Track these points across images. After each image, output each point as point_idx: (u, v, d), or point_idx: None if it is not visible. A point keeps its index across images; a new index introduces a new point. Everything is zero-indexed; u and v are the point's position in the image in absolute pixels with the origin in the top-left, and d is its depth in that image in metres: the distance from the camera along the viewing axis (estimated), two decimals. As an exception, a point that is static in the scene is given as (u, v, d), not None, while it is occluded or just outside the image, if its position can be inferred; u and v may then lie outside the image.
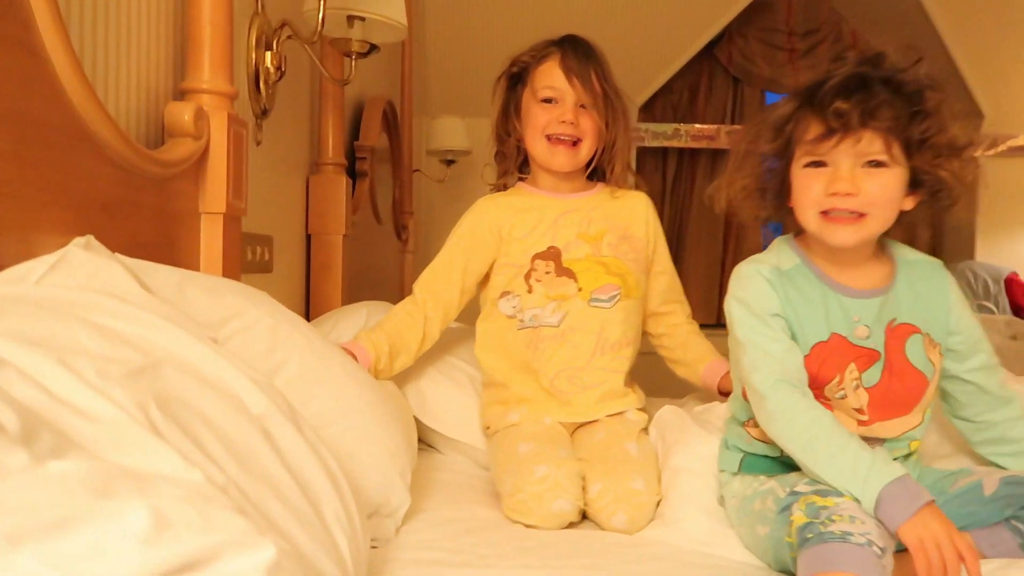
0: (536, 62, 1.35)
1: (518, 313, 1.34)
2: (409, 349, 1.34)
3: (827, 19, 4.21)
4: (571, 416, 1.31)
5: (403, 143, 2.81)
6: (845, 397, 0.98)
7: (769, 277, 0.99)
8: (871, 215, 0.93)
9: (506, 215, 1.36)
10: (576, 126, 1.30)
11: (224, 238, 1.18)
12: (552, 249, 1.33)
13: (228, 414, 0.66)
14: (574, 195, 1.38)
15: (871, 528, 0.79)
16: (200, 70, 1.15)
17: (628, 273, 1.34)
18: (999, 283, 3.52)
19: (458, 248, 1.38)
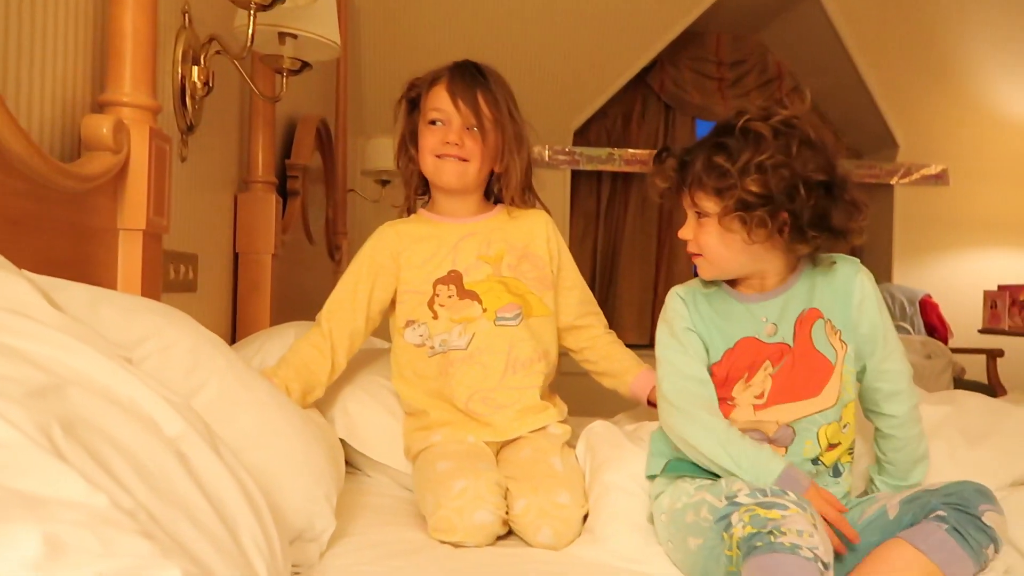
0: (427, 86, 1.36)
1: (427, 340, 1.33)
2: (320, 383, 1.32)
3: (754, 51, 4.37)
4: (492, 436, 1.30)
5: (337, 162, 2.79)
6: (750, 389, 1.06)
7: (684, 296, 1.13)
8: (706, 256, 1.09)
9: (404, 242, 1.36)
10: (461, 147, 1.31)
11: (143, 256, 1.14)
12: (453, 273, 1.33)
13: (140, 436, 0.63)
14: (472, 219, 1.38)
15: (818, 543, 0.83)
16: (121, 82, 1.12)
17: (528, 292, 1.35)
18: (914, 305, 3.68)
19: (359, 275, 1.36)
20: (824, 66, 4.12)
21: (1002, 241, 4.12)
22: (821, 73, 4.20)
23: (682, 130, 4.34)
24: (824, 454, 1.06)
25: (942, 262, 4.13)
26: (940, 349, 3.26)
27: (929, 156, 4.10)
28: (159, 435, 0.65)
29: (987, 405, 1.31)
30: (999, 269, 4.02)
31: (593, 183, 4.25)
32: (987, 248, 4.13)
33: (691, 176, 1.05)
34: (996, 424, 1.26)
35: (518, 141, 1.36)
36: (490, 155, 1.34)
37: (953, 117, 4.05)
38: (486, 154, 1.33)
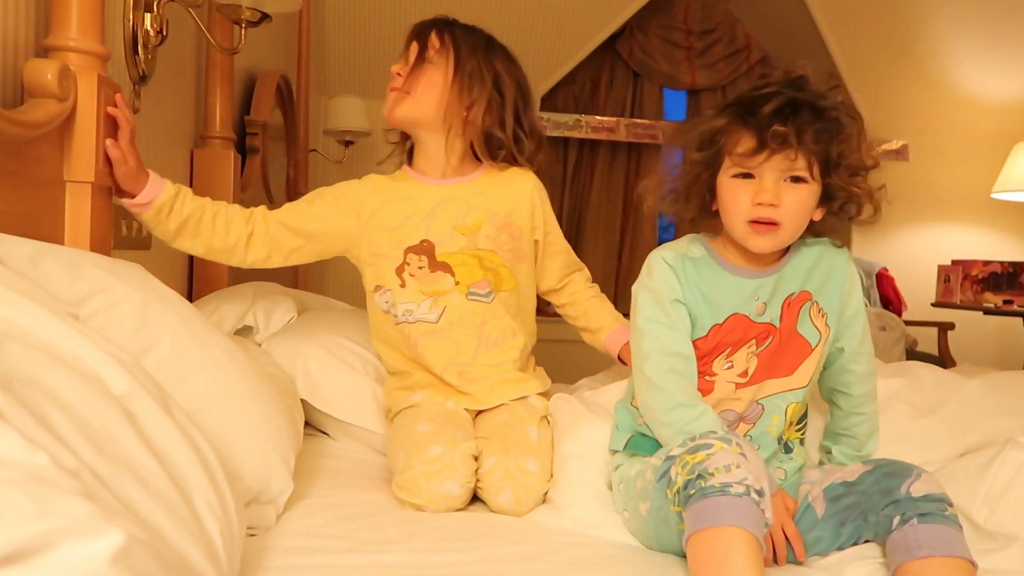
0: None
1: (391, 308, 1.30)
2: (203, 228, 1.22)
3: (723, 20, 4.35)
4: (472, 404, 1.29)
5: (299, 121, 2.72)
6: (731, 368, 1.04)
7: (672, 263, 1.06)
8: (784, 225, 1.01)
9: (378, 201, 1.30)
10: (404, 78, 1.28)
11: (92, 209, 1.09)
12: (425, 243, 1.28)
13: (84, 394, 0.60)
14: (454, 180, 1.32)
15: (746, 472, 0.84)
16: (67, 26, 1.06)
17: (500, 266, 1.30)
18: (871, 278, 3.75)
19: (317, 204, 1.31)
20: (791, 39, 4.12)
21: (958, 217, 4.20)
22: (789, 46, 4.20)
23: (650, 99, 4.31)
24: (787, 431, 1.07)
25: (899, 236, 4.20)
26: (894, 321, 3.33)
27: (890, 131, 4.15)
28: (105, 393, 0.63)
29: (939, 377, 1.33)
30: (953, 244, 4.11)
31: (560, 150, 4.21)
32: (943, 223, 4.21)
33: (807, 134, 0.97)
34: (947, 396, 1.28)
35: (481, 84, 1.27)
36: (445, 94, 1.27)
37: (914, 94, 4.10)
38: (434, 90, 1.27)
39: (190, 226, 1.23)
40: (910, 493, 0.92)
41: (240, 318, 1.44)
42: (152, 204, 1.19)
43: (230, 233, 1.25)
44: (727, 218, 1.04)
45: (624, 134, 3.95)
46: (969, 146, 4.16)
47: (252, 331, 1.45)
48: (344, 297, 2.31)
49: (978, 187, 4.09)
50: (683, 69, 4.31)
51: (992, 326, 3.94)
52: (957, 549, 0.88)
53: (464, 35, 1.31)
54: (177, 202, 1.21)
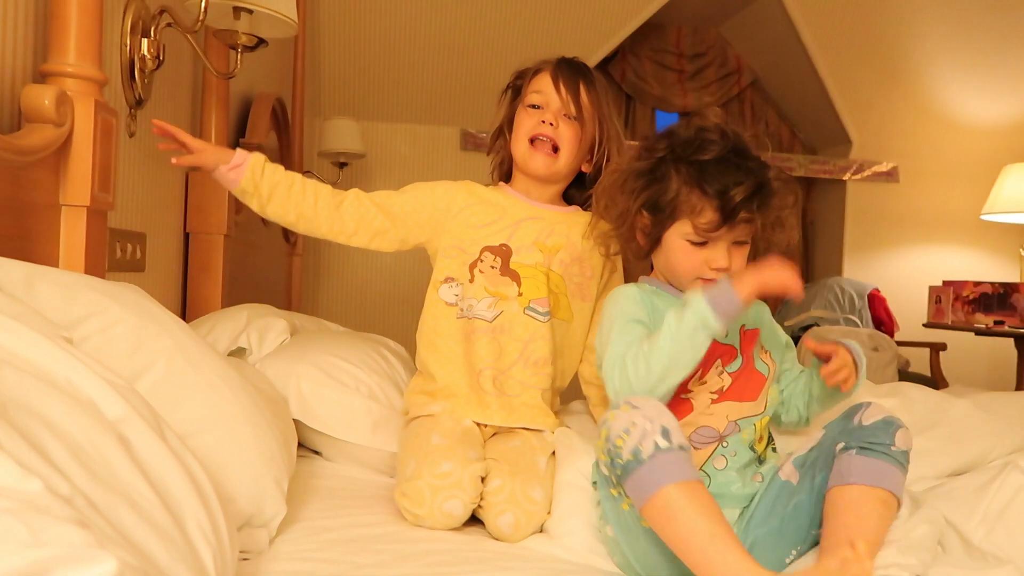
0: (531, 74, 1.36)
1: (459, 301, 1.32)
2: (295, 193, 1.29)
3: (714, 44, 4.41)
4: (490, 418, 1.30)
5: (293, 143, 2.73)
6: (704, 384, 1.07)
7: (637, 291, 1.12)
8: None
9: (471, 200, 1.35)
10: (556, 129, 1.30)
11: (88, 233, 1.10)
12: (504, 247, 1.32)
13: (78, 419, 0.61)
14: (544, 205, 1.37)
15: (643, 425, 0.88)
16: (65, 52, 1.07)
17: (563, 294, 1.33)
18: (863, 298, 3.76)
19: (411, 192, 1.36)
20: (782, 62, 4.17)
21: (947, 238, 4.24)
22: (779, 69, 4.25)
23: (642, 121, 4.35)
24: (757, 443, 1.10)
25: (890, 257, 4.23)
26: (886, 342, 3.34)
27: (881, 154, 4.19)
28: (99, 418, 0.63)
29: (930, 397, 1.35)
30: (944, 265, 4.14)
31: (553, 171, 4.25)
32: (933, 245, 4.24)
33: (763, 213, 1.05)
34: (939, 415, 1.29)
35: (617, 145, 1.34)
36: (582, 149, 1.33)
37: (905, 117, 4.15)
38: (578, 147, 1.32)
39: (281, 189, 1.29)
40: (860, 422, 0.98)
41: (234, 339, 1.44)
42: (245, 165, 1.26)
43: (319, 202, 1.31)
44: (676, 273, 1.10)
45: (617, 156, 3.98)
46: (958, 168, 4.21)
47: (246, 352, 1.45)
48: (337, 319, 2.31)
49: (967, 209, 4.13)
50: (675, 92, 4.35)
51: (983, 347, 3.97)
52: (883, 481, 0.94)
53: (604, 93, 1.35)
54: (268, 167, 1.28)
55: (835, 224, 4.22)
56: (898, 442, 0.96)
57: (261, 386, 1.24)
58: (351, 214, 1.32)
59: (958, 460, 1.22)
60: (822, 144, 4.44)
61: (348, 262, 3.73)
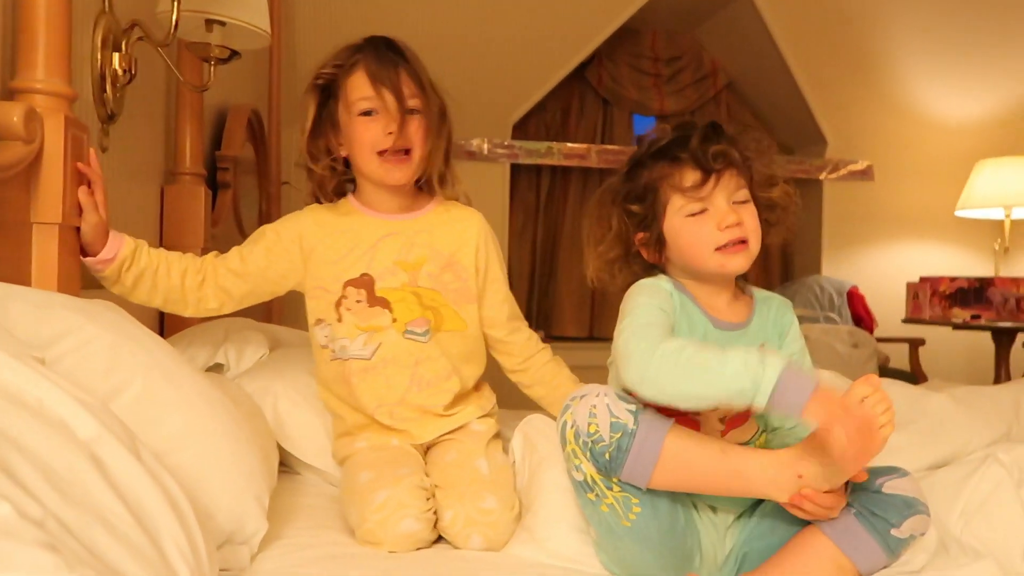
0: (344, 73, 1.25)
1: (330, 343, 1.27)
2: (159, 280, 1.20)
3: (689, 48, 4.44)
4: (413, 439, 1.27)
5: (270, 154, 2.72)
6: (715, 409, 1.03)
7: (669, 287, 1.05)
8: (751, 242, 1.03)
9: (320, 233, 1.27)
10: (403, 137, 1.21)
11: (60, 250, 1.09)
12: (365, 277, 1.25)
13: (49, 440, 0.60)
14: (399, 216, 1.29)
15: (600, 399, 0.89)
16: (33, 68, 1.06)
17: (443, 305, 1.27)
18: (842, 296, 3.80)
19: (260, 243, 1.28)
20: (757, 64, 4.21)
21: (923, 235, 4.29)
22: (754, 71, 4.29)
23: (620, 125, 4.37)
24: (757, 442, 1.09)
25: (868, 255, 4.28)
26: (866, 338, 3.38)
27: (855, 153, 4.24)
28: (71, 439, 0.62)
29: (908, 392, 1.36)
30: (921, 262, 4.19)
31: (532, 177, 4.25)
32: (910, 241, 4.29)
33: (744, 157, 1.03)
34: (916, 410, 1.31)
35: (441, 118, 1.27)
36: (425, 137, 1.24)
37: (878, 116, 4.20)
38: (426, 136, 1.24)
39: (147, 279, 1.21)
40: (880, 488, 0.94)
41: (211, 356, 1.43)
42: (115, 259, 1.18)
43: (185, 283, 1.23)
44: (693, 256, 1.03)
45: (596, 160, 4.00)
46: (932, 166, 4.27)
47: (224, 368, 1.44)
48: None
49: (942, 205, 4.19)
50: (652, 96, 4.38)
51: (961, 341, 4.01)
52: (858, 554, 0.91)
53: (419, 66, 1.27)
54: (136, 255, 1.20)
55: (813, 223, 4.26)
56: (905, 527, 0.92)
57: (241, 401, 1.23)
58: (212, 290, 1.25)
59: (937, 454, 1.23)
60: (798, 144, 4.48)
61: (329, 272, 3.70)
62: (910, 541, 0.94)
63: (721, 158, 1.00)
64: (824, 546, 0.92)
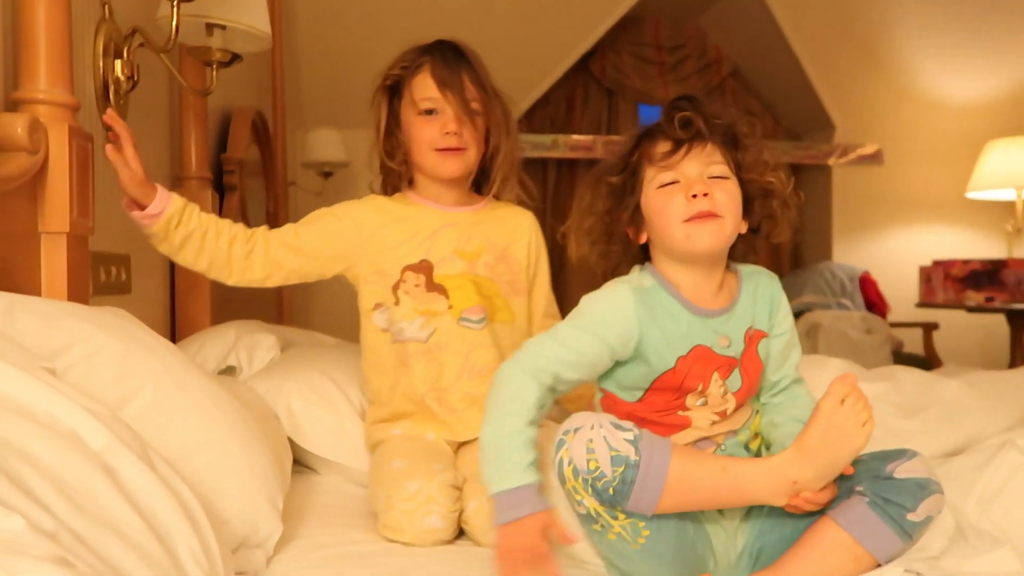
0: (410, 73, 1.30)
1: (390, 326, 1.29)
2: (207, 242, 1.22)
3: (693, 36, 4.41)
4: (451, 435, 1.28)
5: (276, 155, 2.72)
6: (706, 404, 1.02)
7: (634, 301, 1.01)
8: (725, 218, 1.00)
9: (381, 220, 1.31)
10: (460, 136, 1.27)
11: (69, 259, 1.09)
12: (424, 263, 1.29)
13: (60, 452, 0.60)
14: (456, 208, 1.34)
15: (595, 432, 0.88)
16: (35, 79, 1.07)
17: (496, 296, 1.31)
18: (854, 281, 3.78)
19: (318, 224, 1.31)
20: (762, 50, 4.18)
21: (934, 218, 4.26)
22: (759, 57, 4.26)
23: (625, 115, 4.36)
24: (751, 441, 1.08)
25: (879, 239, 4.25)
26: (879, 324, 3.36)
27: (864, 137, 4.21)
28: (82, 450, 0.62)
29: (922, 379, 1.35)
30: (932, 245, 4.16)
31: (538, 170, 4.24)
32: (921, 225, 4.26)
33: (720, 133, 1.01)
34: (930, 397, 1.30)
35: (507, 122, 1.31)
36: (482, 139, 1.30)
37: (886, 99, 4.16)
38: (481, 138, 1.30)
39: (195, 239, 1.23)
40: (892, 473, 0.92)
41: (223, 358, 1.43)
42: (162, 215, 1.20)
43: (232, 249, 1.26)
44: (664, 229, 1.01)
45: (601, 151, 3.99)
46: (941, 148, 4.23)
47: (236, 370, 1.45)
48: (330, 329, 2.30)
49: (952, 188, 4.15)
50: (656, 84, 4.35)
51: (976, 324, 3.98)
52: (871, 541, 0.90)
53: (483, 70, 1.31)
54: (185, 214, 1.22)
55: (823, 209, 4.23)
56: (920, 510, 0.91)
57: (253, 404, 1.24)
58: (261, 260, 1.27)
59: (952, 441, 1.22)
60: (805, 130, 4.45)
61: (338, 271, 3.71)
62: (927, 523, 0.93)
63: (687, 125, 0.99)
64: (839, 538, 0.91)
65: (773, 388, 1.11)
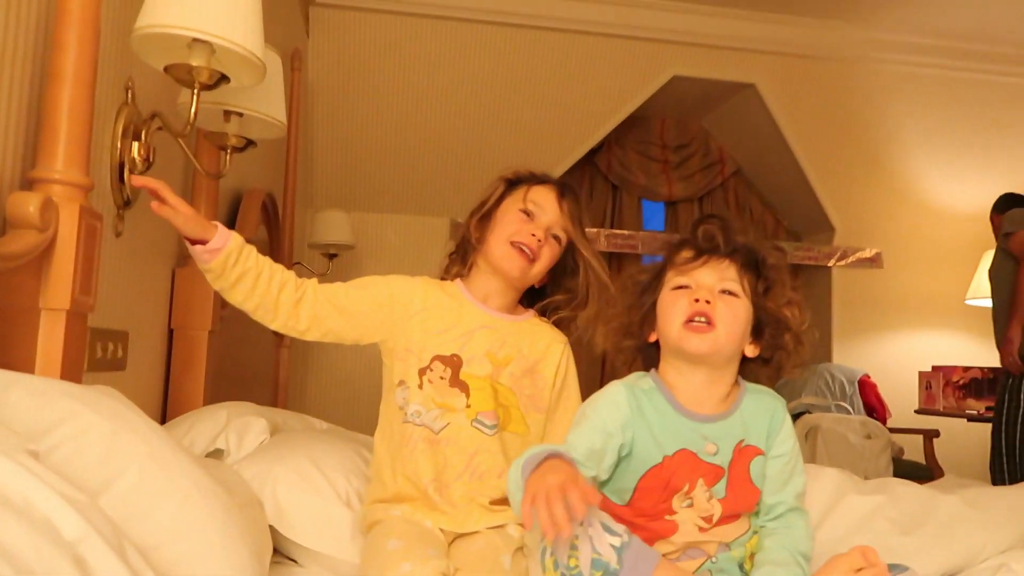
0: (534, 182, 1.38)
1: (405, 405, 1.31)
2: (260, 283, 1.25)
3: (697, 135, 4.55)
4: (449, 524, 1.27)
5: (283, 235, 2.77)
6: (691, 506, 1.02)
7: (625, 394, 1.07)
8: (719, 328, 1.03)
9: (427, 303, 1.34)
10: (541, 243, 1.32)
11: (66, 336, 1.10)
12: (455, 357, 1.30)
13: (32, 541, 0.59)
14: (499, 313, 1.36)
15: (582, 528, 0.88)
16: (53, 159, 1.10)
17: (514, 407, 1.32)
18: (854, 384, 3.76)
19: (370, 290, 1.34)
20: (764, 152, 4.30)
21: (934, 323, 4.27)
22: (761, 159, 4.37)
23: (629, 210, 4.44)
24: (747, 560, 1.06)
25: (878, 342, 4.25)
26: (879, 429, 3.32)
27: (864, 240, 4.27)
28: (55, 539, 0.61)
29: (918, 493, 1.33)
30: (932, 349, 4.15)
31: (542, 259, 4.30)
32: (920, 329, 4.27)
33: (745, 252, 1.07)
34: (927, 512, 1.27)
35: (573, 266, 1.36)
36: (550, 266, 1.36)
37: (885, 204, 4.25)
38: (550, 264, 1.35)
39: (248, 279, 1.26)
40: None
41: (212, 440, 1.42)
42: (222, 250, 1.22)
43: (281, 296, 1.28)
44: (665, 326, 1.08)
45: (604, 244, 4.05)
46: (941, 253, 4.28)
47: (224, 454, 1.43)
48: (325, 413, 2.29)
49: (952, 293, 4.18)
50: (660, 181, 4.46)
51: (977, 433, 3.93)
52: None
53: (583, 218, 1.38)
54: (243, 253, 1.25)
55: (823, 310, 4.25)
56: None
57: (237, 490, 1.22)
58: (307, 312, 1.30)
59: (949, 561, 1.19)
60: (806, 231, 4.52)
61: (337, 354, 3.72)
62: None
63: (709, 238, 1.06)
64: None
65: (769, 512, 1.10)
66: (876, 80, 3.95)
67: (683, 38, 3.72)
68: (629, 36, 3.67)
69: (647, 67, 3.77)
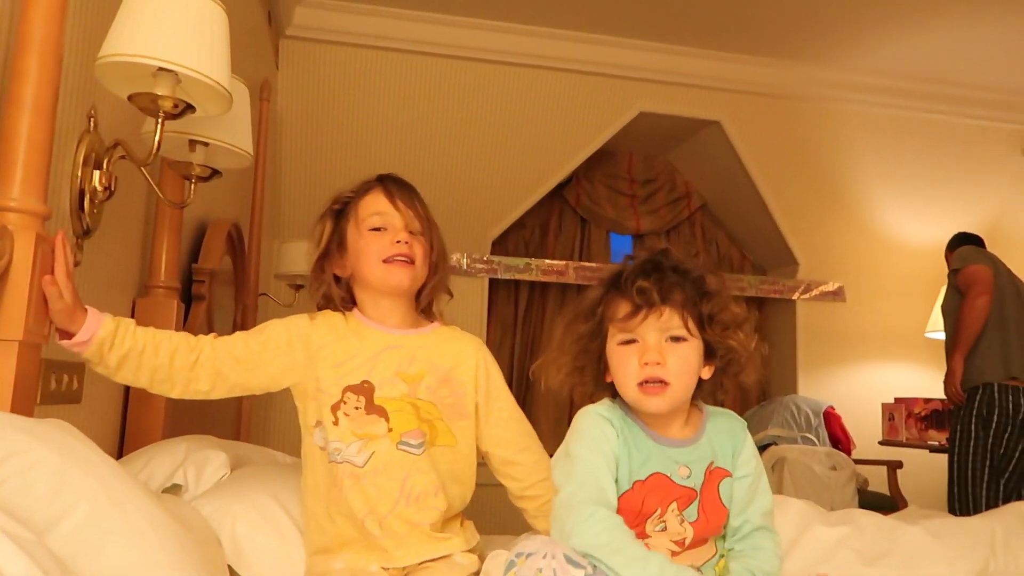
0: (359, 195, 1.35)
1: (327, 445, 1.26)
2: (145, 360, 1.19)
3: (663, 170, 4.62)
4: (392, 562, 1.23)
5: (249, 266, 2.74)
6: (665, 530, 1.04)
7: (609, 417, 1.09)
8: (673, 384, 1.05)
9: (328, 338, 1.30)
10: (410, 247, 1.30)
11: (18, 368, 1.07)
12: (365, 384, 1.26)
13: (-28, 581, 0.57)
14: (401, 331, 1.33)
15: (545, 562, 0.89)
16: (10, 187, 1.08)
17: (438, 419, 1.29)
18: (819, 416, 3.80)
19: (265, 335, 1.29)
20: (729, 188, 4.38)
21: (895, 355, 4.34)
22: (726, 194, 4.45)
23: (597, 243, 4.48)
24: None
25: (842, 375, 4.31)
26: (844, 460, 3.35)
27: (827, 273, 4.35)
28: (-3, 579, 0.59)
29: (882, 524, 1.34)
30: (894, 381, 4.22)
31: (511, 291, 4.30)
32: (882, 361, 4.34)
33: (681, 295, 1.05)
34: (891, 543, 1.28)
35: (443, 250, 1.36)
36: (427, 260, 1.33)
37: (847, 239, 4.34)
38: (426, 260, 1.33)
39: (131, 359, 1.19)
40: None
41: (170, 475, 1.38)
42: (92, 341, 1.15)
43: (174, 363, 1.22)
44: (620, 385, 1.08)
45: (573, 277, 4.07)
46: (901, 287, 4.37)
47: (182, 489, 1.39)
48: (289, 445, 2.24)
49: (912, 326, 4.26)
50: (628, 215, 4.51)
51: (939, 463, 3.98)
52: None
53: (423, 202, 1.36)
54: (118, 337, 1.18)
55: (788, 342, 4.30)
56: None
57: (194, 527, 1.18)
58: (206, 371, 1.24)
59: (912, 591, 1.20)
60: (771, 265, 4.59)
61: (302, 384, 3.65)
62: None
63: (643, 295, 1.04)
64: None
65: (735, 533, 1.10)
66: (837, 119, 4.06)
67: (650, 75, 3.80)
68: (597, 73, 3.74)
69: (615, 103, 3.83)
